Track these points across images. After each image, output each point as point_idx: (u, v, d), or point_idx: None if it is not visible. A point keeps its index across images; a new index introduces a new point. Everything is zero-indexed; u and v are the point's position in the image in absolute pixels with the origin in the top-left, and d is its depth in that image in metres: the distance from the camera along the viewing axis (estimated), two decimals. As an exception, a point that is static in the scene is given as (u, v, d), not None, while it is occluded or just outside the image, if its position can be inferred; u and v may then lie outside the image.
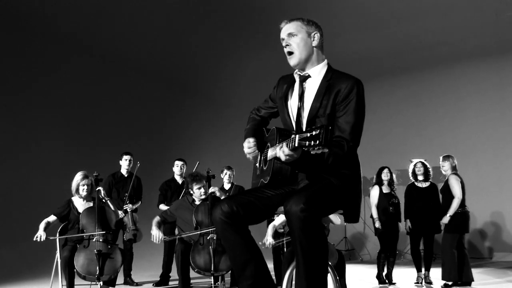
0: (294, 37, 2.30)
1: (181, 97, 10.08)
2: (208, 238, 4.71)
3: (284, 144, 1.98)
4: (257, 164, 2.47)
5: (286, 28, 2.33)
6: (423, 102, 10.56)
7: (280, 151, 1.99)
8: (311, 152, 1.85)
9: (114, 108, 8.89)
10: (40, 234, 4.64)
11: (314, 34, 2.32)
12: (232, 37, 9.73)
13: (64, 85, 8.23)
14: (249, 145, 2.35)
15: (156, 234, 4.81)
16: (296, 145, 1.87)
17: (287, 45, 2.31)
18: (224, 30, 9.48)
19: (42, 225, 4.76)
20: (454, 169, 5.87)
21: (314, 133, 1.81)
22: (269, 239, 4.93)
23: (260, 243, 5.43)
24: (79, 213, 4.87)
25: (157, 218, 5.05)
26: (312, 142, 1.80)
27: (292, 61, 2.31)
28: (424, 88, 10.58)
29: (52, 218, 4.87)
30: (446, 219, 5.63)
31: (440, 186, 6.03)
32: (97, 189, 4.98)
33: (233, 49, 10.08)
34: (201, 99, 10.44)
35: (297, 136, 1.87)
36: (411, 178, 6.15)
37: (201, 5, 8.77)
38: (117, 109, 8.95)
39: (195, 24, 9.18)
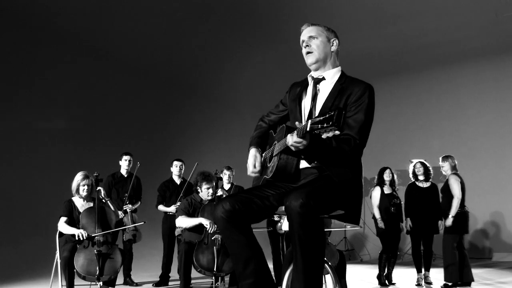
0: (314, 39, 2.38)
1: (181, 98, 10.08)
2: (212, 238, 4.71)
3: (295, 132, 2.02)
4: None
5: (308, 31, 2.40)
6: (423, 102, 10.57)
7: (290, 139, 2.04)
8: (322, 136, 1.89)
9: (114, 108, 8.89)
10: (80, 232, 4.60)
11: (333, 41, 2.42)
12: (233, 38, 9.73)
13: (64, 85, 8.23)
14: (253, 171, 2.40)
15: (211, 222, 4.70)
16: (308, 129, 1.90)
17: (307, 45, 2.38)
18: (224, 31, 9.48)
19: (66, 226, 4.74)
20: (454, 169, 5.86)
21: (327, 115, 1.84)
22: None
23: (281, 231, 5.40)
24: (80, 213, 4.86)
25: (182, 214, 4.99)
26: (325, 124, 1.84)
27: (310, 59, 2.37)
28: (424, 88, 10.58)
29: (64, 219, 4.84)
30: (449, 221, 5.61)
31: (440, 186, 6.03)
32: (97, 189, 4.98)
33: (233, 50, 10.08)
34: (201, 99, 10.44)
35: (309, 121, 1.91)
36: (412, 178, 6.14)
37: (202, 6, 8.77)
38: (117, 109, 8.95)
39: (195, 25, 9.18)
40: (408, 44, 9.86)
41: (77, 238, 4.59)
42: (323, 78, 2.38)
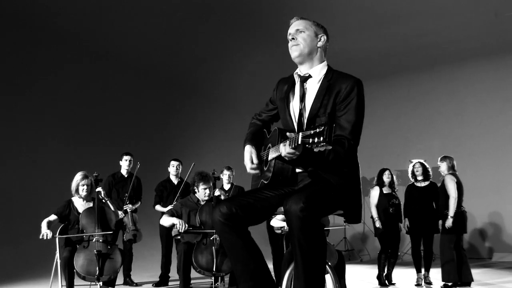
0: (301, 33, 2.34)
1: (181, 98, 10.08)
2: (211, 238, 4.71)
3: (287, 142, 1.99)
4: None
5: (296, 24, 2.37)
6: (423, 102, 10.57)
7: (283, 149, 2.01)
8: (314, 150, 1.85)
9: (114, 108, 8.89)
10: (46, 232, 4.60)
11: (321, 36, 2.37)
12: (232, 38, 9.73)
13: (64, 85, 8.23)
14: (251, 167, 2.37)
15: (181, 221, 4.72)
16: (299, 142, 1.87)
17: (293, 38, 2.34)
18: (224, 31, 9.48)
19: (44, 224, 4.73)
20: (451, 169, 5.84)
21: (318, 130, 1.81)
22: (281, 224, 4.89)
23: (278, 231, 5.38)
24: (79, 213, 4.86)
25: (167, 213, 5.02)
26: (316, 139, 1.80)
27: (295, 52, 2.33)
28: (424, 88, 10.58)
29: (53, 217, 4.85)
30: (449, 222, 5.60)
31: (439, 186, 6.02)
32: (97, 189, 4.97)
33: (233, 50, 10.08)
34: (201, 99, 10.44)
35: (300, 134, 1.88)
36: (411, 178, 6.14)
37: (202, 6, 8.77)
38: (118, 110, 8.95)
39: (195, 25, 9.18)
40: (408, 44, 9.86)
41: (40, 237, 4.60)
42: (310, 76, 2.34)
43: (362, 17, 9.16)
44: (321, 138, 1.79)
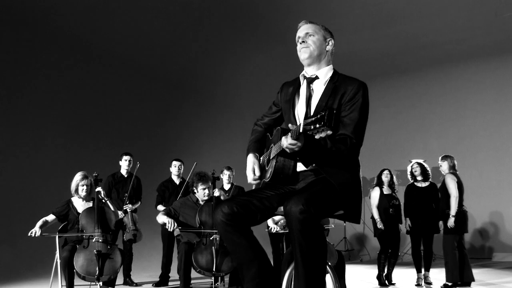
0: (311, 37, 2.37)
1: (181, 98, 10.08)
2: (211, 238, 4.71)
3: (289, 134, 2.01)
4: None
5: (305, 28, 2.40)
6: (423, 102, 10.57)
7: (284, 141, 2.03)
8: (316, 136, 1.87)
9: (114, 108, 8.89)
10: (35, 230, 4.62)
11: (329, 40, 2.41)
12: (232, 38, 9.73)
13: (64, 85, 8.23)
14: (253, 178, 2.40)
15: (171, 221, 4.73)
16: (301, 130, 1.90)
17: (303, 41, 2.37)
18: (224, 30, 9.48)
19: (39, 222, 4.75)
20: (452, 168, 5.84)
21: (319, 116, 1.84)
22: (272, 225, 4.95)
23: (266, 230, 5.43)
24: (79, 213, 4.86)
25: (163, 211, 5.03)
26: (317, 125, 1.83)
27: (304, 54, 2.36)
28: (424, 88, 10.58)
29: (51, 217, 4.86)
30: (451, 222, 5.59)
31: (439, 186, 6.02)
32: (96, 189, 4.97)
33: (233, 50, 10.08)
34: (201, 99, 10.44)
35: (302, 122, 1.90)
36: (410, 179, 6.14)
37: (202, 6, 8.77)
38: (117, 110, 8.95)
39: (195, 25, 9.18)
40: (408, 44, 9.87)
41: (29, 234, 4.62)
42: (316, 77, 2.36)
43: (362, 18, 9.17)
44: (322, 123, 1.82)
